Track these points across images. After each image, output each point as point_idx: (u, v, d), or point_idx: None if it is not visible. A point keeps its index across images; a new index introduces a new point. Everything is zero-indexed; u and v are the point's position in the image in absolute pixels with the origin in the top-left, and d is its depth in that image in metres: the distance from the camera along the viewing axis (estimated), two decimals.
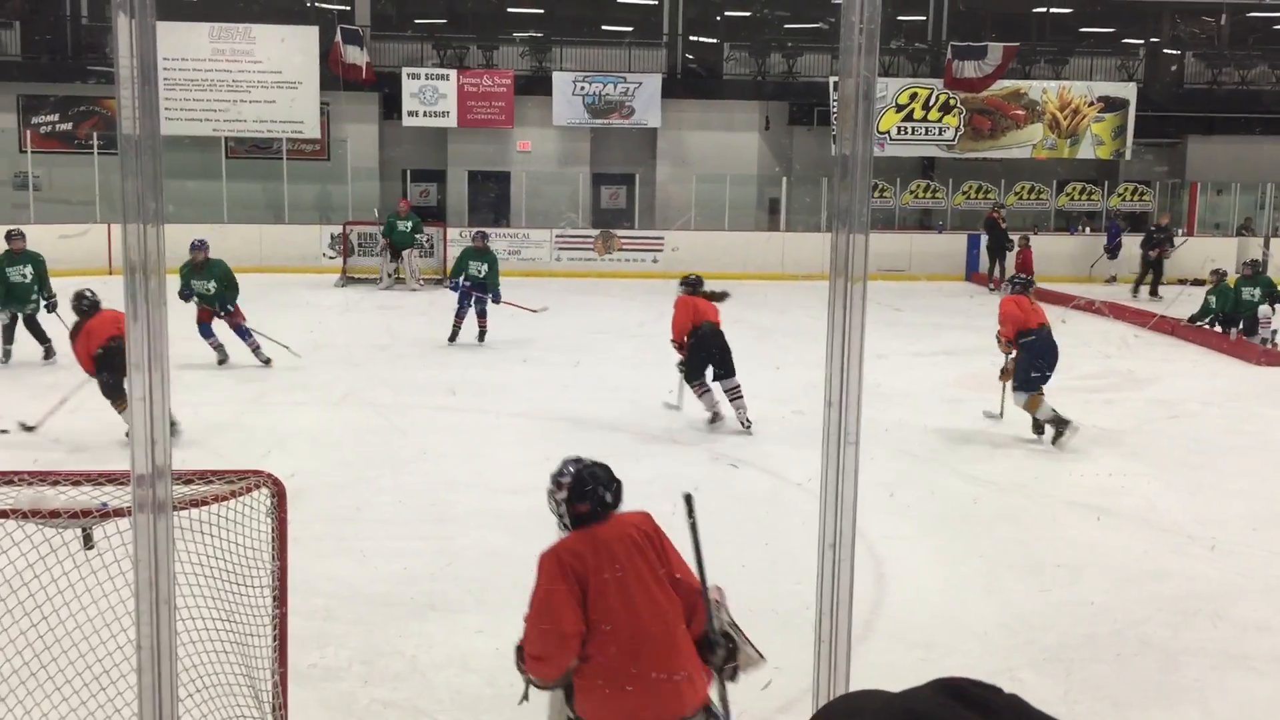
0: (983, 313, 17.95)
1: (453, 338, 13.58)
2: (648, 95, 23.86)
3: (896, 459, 8.45)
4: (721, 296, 9.90)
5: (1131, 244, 22.42)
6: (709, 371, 9.55)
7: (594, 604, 3.35)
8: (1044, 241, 22.15)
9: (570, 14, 25.50)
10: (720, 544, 6.77)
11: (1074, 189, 24.93)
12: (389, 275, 19.17)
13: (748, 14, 26.10)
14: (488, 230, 16.38)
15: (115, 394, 8.44)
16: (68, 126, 23.73)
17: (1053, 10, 26.21)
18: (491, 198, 24.57)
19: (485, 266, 13.64)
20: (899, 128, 23.86)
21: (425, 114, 23.59)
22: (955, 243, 22.95)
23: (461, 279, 13.62)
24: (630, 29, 25.75)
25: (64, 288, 10.99)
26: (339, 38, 22.76)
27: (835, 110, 22.87)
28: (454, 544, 6.65)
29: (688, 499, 3.55)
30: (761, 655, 3.62)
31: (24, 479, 3.43)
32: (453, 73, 23.64)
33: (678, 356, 9.71)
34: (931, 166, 25.35)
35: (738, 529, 7.07)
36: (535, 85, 23.96)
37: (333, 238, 21.05)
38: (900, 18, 25.20)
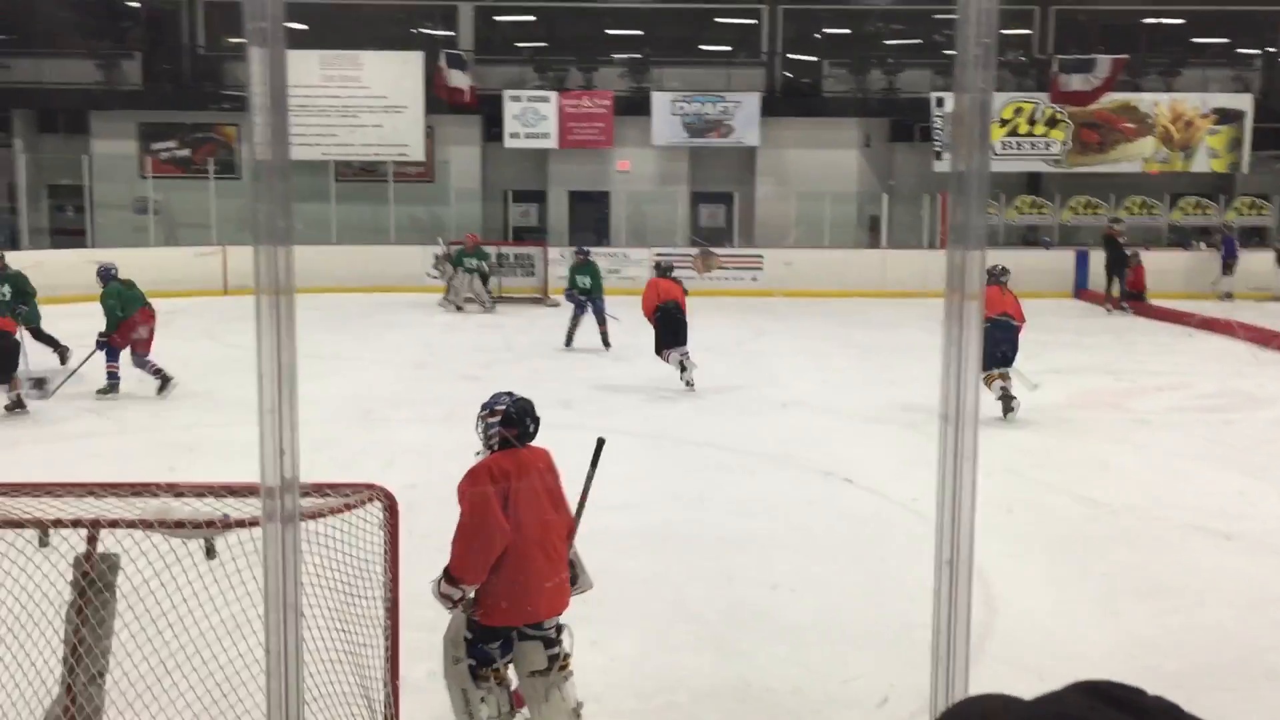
0: (1094, 330, 17.57)
1: (568, 342, 14.75)
2: (747, 114, 23.85)
3: (1007, 478, 8.29)
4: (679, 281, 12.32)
5: (1248, 259, 21.69)
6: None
7: (510, 511, 3.94)
8: (1157, 258, 21.53)
9: (669, 34, 25.65)
10: (826, 561, 6.76)
11: (1187, 203, 24.23)
12: (449, 301, 19.52)
13: (847, 31, 25.95)
14: (588, 247, 16.75)
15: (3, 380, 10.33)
16: (185, 153, 24.61)
17: (1164, 21, 25.55)
18: (605, 214, 24.77)
19: (589, 279, 14.75)
20: (1004, 143, 23.45)
21: (526, 135, 23.91)
22: (1063, 259, 22.44)
23: (574, 291, 14.88)
24: (729, 48, 25.81)
25: (183, 308, 11.41)
26: (443, 62, 23.26)
27: (937, 126, 22.66)
28: None
29: (599, 442, 4.37)
30: (592, 583, 4.36)
31: (155, 490, 3.57)
32: (553, 94, 23.94)
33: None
34: (1038, 181, 24.86)
35: (843, 548, 7.01)
36: (634, 106, 24.13)
37: (436, 258, 21.42)
38: (1004, 31, 24.75)
